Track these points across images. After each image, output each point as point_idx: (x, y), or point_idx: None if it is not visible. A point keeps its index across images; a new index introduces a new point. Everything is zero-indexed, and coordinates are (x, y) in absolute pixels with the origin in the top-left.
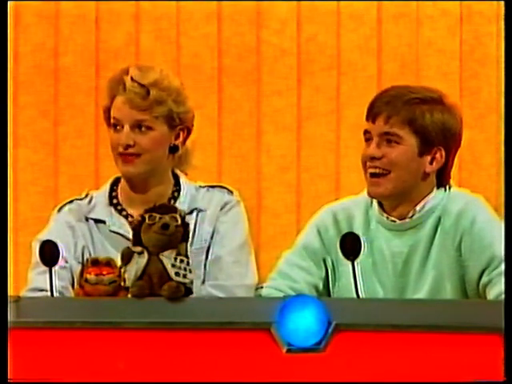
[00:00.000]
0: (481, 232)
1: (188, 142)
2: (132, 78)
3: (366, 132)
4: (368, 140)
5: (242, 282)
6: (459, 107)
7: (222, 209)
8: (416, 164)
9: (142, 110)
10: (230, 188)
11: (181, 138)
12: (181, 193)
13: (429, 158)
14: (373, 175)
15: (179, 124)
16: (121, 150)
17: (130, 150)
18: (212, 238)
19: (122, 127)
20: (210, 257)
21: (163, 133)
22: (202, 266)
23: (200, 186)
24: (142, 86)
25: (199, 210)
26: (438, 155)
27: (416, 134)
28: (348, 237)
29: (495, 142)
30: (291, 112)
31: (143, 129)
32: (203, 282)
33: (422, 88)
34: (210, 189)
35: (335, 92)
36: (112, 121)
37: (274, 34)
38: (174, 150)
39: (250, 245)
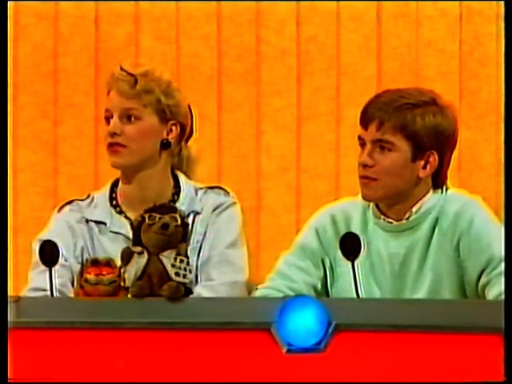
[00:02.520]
0: (479, 233)
1: (193, 149)
2: (121, 68)
3: (359, 138)
4: (362, 146)
5: (227, 280)
6: (454, 107)
7: (214, 210)
8: (409, 170)
9: (130, 97)
10: (227, 189)
11: (173, 134)
12: (180, 195)
13: (422, 162)
14: (365, 178)
15: (171, 118)
16: (109, 139)
17: (116, 139)
18: (203, 239)
19: (113, 117)
20: (200, 259)
21: (152, 124)
22: (195, 268)
23: (199, 188)
24: (131, 74)
25: (196, 213)
26: (431, 159)
27: (408, 139)
28: (348, 237)
29: (495, 142)
30: (291, 112)
31: (132, 118)
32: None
33: (416, 91)
34: (208, 190)
35: (335, 92)
36: (105, 114)
37: (273, 34)
38: (165, 145)
39: (242, 244)
